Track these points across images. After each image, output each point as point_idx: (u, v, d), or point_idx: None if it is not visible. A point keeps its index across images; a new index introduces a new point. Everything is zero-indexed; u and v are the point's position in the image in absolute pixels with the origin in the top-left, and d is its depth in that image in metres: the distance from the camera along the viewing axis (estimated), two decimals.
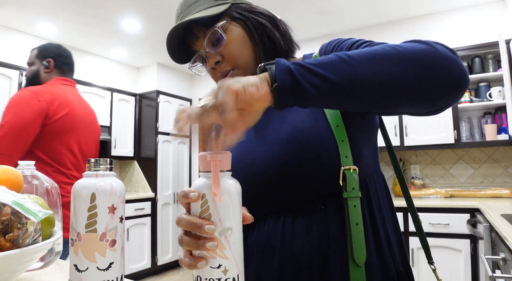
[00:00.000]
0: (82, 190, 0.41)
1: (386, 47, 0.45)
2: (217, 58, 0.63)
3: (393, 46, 0.45)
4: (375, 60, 0.43)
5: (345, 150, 0.55)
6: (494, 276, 1.20)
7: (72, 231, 0.41)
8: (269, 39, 0.65)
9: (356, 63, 0.43)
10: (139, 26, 3.31)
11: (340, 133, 0.56)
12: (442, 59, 0.44)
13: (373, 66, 0.43)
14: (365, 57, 0.43)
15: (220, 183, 0.41)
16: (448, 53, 0.45)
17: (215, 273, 0.40)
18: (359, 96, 0.44)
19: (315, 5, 2.98)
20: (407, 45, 0.45)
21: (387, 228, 0.61)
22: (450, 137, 2.72)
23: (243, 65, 0.64)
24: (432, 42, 0.46)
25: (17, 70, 3.06)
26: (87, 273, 0.40)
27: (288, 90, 0.42)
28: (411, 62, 0.43)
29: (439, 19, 3.10)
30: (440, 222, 2.37)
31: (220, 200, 0.40)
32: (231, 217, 0.41)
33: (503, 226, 1.39)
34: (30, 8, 2.93)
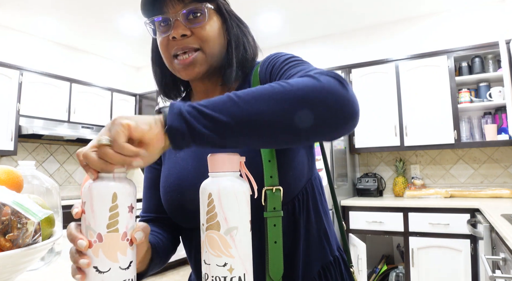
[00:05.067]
0: (103, 189, 0.40)
1: (274, 85, 0.45)
2: (186, 32, 0.60)
3: (282, 84, 0.45)
4: (260, 99, 0.44)
5: (270, 170, 0.56)
6: (494, 276, 1.20)
7: (90, 232, 0.40)
8: (243, 48, 0.66)
9: (242, 103, 0.44)
10: (139, 26, 3.31)
11: (267, 154, 0.56)
12: (326, 95, 0.44)
13: (258, 106, 0.43)
14: (252, 96, 0.44)
15: (227, 182, 0.42)
16: (336, 87, 0.45)
17: (221, 271, 0.41)
18: (249, 135, 0.44)
19: (315, 5, 2.98)
20: (295, 82, 0.46)
21: (325, 226, 0.65)
22: (450, 137, 2.72)
23: (210, 53, 0.62)
24: (322, 74, 0.47)
25: (17, 70, 3.06)
26: (109, 273, 0.40)
27: (179, 133, 0.42)
28: (294, 100, 0.44)
29: (439, 19, 3.11)
30: (440, 222, 2.37)
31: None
32: (237, 217, 0.42)
33: (503, 226, 1.39)
34: (30, 8, 2.93)
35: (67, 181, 3.74)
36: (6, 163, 3.19)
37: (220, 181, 0.43)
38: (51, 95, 3.31)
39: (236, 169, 0.44)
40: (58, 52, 3.66)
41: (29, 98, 3.13)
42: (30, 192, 0.65)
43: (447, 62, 2.77)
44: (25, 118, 3.09)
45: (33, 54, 3.43)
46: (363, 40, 3.43)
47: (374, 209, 2.63)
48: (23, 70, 3.10)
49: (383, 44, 3.33)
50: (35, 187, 0.68)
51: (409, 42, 3.21)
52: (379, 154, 3.23)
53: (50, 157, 3.60)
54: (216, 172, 0.43)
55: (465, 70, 2.81)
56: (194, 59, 0.61)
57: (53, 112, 3.31)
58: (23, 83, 3.09)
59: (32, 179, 0.68)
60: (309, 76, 0.46)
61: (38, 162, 3.49)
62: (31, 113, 3.14)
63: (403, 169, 3.06)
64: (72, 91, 3.49)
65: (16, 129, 3.01)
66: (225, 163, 0.43)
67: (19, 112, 3.05)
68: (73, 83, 3.51)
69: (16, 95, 3.03)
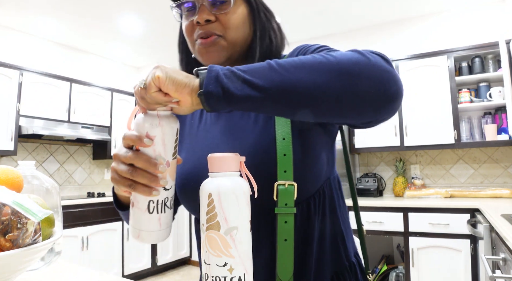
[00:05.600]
0: (171, 126, 0.48)
1: (318, 56, 0.44)
2: (210, 17, 0.59)
3: (326, 55, 0.44)
4: (302, 68, 0.43)
5: (285, 164, 0.54)
6: (494, 276, 1.20)
7: (160, 160, 0.47)
8: (269, 38, 0.65)
9: (283, 71, 0.43)
10: (139, 26, 3.31)
11: (283, 147, 0.55)
12: (373, 70, 0.43)
13: (299, 74, 0.43)
14: (293, 65, 0.44)
15: (227, 182, 0.43)
16: (382, 64, 0.44)
17: (221, 271, 0.41)
18: (285, 103, 0.44)
19: (315, 5, 2.98)
20: (339, 54, 0.45)
21: (341, 228, 0.63)
22: (450, 137, 2.72)
23: (232, 40, 0.61)
24: (368, 51, 0.45)
25: (17, 70, 3.06)
26: (171, 190, 0.50)
27: (214, 95, 0.43)
28: (338, 72, 0.42)
29: (439, 19, 3.11)
30: (440, 222, 2.37)
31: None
32: (237, 217, 0.42)
33: (503, 226, 1.39)
34: (30, 8, 2.94)
35: (67, 181, 3.74)
36: (6, 163, 3.19)
37: (220, 181, 0.43)
38: (51, 95, 3.31)
39: (236, 169, 0.44)
40: (58, 52, 3.66)
41: (29, 98, 3.13)
42: (30, 192, 0.65)
43: (447, 62, 2.77)
44: (25, 118, 3.09)
45: (33, 54, 3.43)
46: (363, 40, 3.43)
47: (374, 209, 2.63)
48: (23, 70, 3.10)
49: (383, 44, 3.33)
50: (35, 187, 0.68)
51: (409, 42, 3.21)
52: (379, 154, 3.23)
53: (50, 157, 3.60)
54: (216, 172, 0.44)
55: (465, 70, 2.81)
56: (216, 43, 0.60)
57: (53, 112, 3.31)
58: (23, 83, 3.09)
59: (32, 179, 0.68)
60: (354, 51, 0.45)
61: (38, 162, 3.49)
62: (31, 113, 3.14)
63: (403, 169, 3.06)
64: (72, 91, 3.49)
65: (16, 129, 3.01)
66: (225, 163, 0.44)
67: (19, 112, 3.05)
68: (73, 83, 3.51)
69: (16, 95, 3.03)
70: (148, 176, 0.46)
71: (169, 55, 4.08)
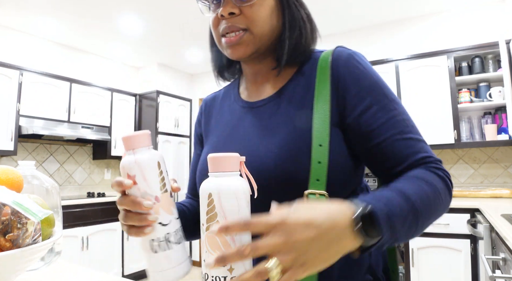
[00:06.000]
0: (149, 161, 0.48)
1: (438, 200, 0.52)
2: (235, 10, 0.57)
3: (440, 199, 0.52)
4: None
5: (318, 173, 0.52)
6: (494, 276, 1.20)
7: (148, 197, 0.48)
8: (299, 31, 0.62)
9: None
10: (139, 26, 3.31)
11: (319, 154, 0.53)
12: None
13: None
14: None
15: (227, 182, 0.43)
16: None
17: (221, 271, 0.41)
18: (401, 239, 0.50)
19: (315, 5, 2.98)
20: (444, 196, 0.53)
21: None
22: (450, 137, 2.72)
23: (258, 33, 0.58)
24: (447, 183, 0.55)
25: (17, 70, 3.06)
26: (170, 225, 0.49)
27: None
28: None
29: (439, 19, 3.10)
30: (440, 222, 2.36)
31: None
32: (237, 217, 0.42)
33: (503, 226, 1.39)
34: (30, 8, 2.94)
35: (67, 181, 3.74)
36: (6, 163, 3.19)
37: (220, 181, 0.43)
38: (51, 95, 3.31)
39: (236, 169, 0.44)
40: (58, 52, 3.66)
41: (29, 98, 3.13)
42: (30, 192, 0.65)
43: (447, 62, 2.77)
44: (25, 118, 3.09)
45: (33, 54, 3.43)
46: (363, 40, 3.43)
47: None
48: (23, 70, 3.10)
49: (383, 44, 3.33)
50: (35, 187, 0.67)
51: (409, 42, 3.21)
52: None
53: (50, 157, 3.60)
54: (216, 172, 0.44)
55: (465, 70, 2.81)
56: (241, 39, 0.58)
57: (53, 112, 3.31)
58: (23, 83, 3.09)
59: (32, 179, 0.68)
60: (447, 187, 0.55)
61: (38, 162, 3.49)
62: (31, 113, 3.14)
63: None
64: (72, 91, 3.49)
65: (16, 129, 3.01)
66: (225, 163, 0.44)
67: (19, 112, 3.05)
68: (73, 83, 3.51)
69: (16, 95, 3.03)
70: (137, 216, 0.45)
71: (169, 55, 4.08)
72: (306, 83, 0.60)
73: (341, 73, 0.57)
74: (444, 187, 0.53)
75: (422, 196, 0.48)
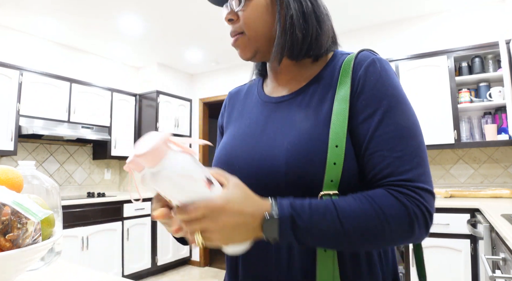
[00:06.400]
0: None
1: (376, 222, 0.49)
2: (232, 16, 0.62)
3: (381, 225, 0.49)
4: (359, 234, 0.49)
5: (333, 174, 0.52)
6: (494, 276, 1.20)
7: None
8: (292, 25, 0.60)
9: (344, 235, 0.49)
10: (139, 26, 3.31)
11: (335, 155, 0.53)
12: (408, 242, 0.52)
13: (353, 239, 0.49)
14: (354, 230, 0.49)
15: (162, 174, 0.42)
16: (420, 239, 0.53)
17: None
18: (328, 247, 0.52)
19: None
20: (394, 225, 0.49)
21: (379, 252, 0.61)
22: (450, 137, 2.72)
23: (252, 35, 0.61)
24: (423, 229, 0.51)
25: (17, 70, 3.06)
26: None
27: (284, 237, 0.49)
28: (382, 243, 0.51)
29: (439, 19, 3.10)
30: (440, 222, 2.37)
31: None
32: (186, 192, 0.44)
33: (503, 226, 1.39)
34: (30, 8, 2.94)
35: (67, 181, 3.74)
36: (6, 163, 3.19)
37: (157, 175, 0.42)
38: (51, 95, 3.31)
39: (162, 155, 0.41)
40: (58, 52, 3.66)
41: (29, 98, 3.13)
42: (30, 192, 0.65)
43: (447, 62, 2.77)
44: (25, 118, 3.09)
45: (33, 54, 3.43)
46: (363, 40, 3.43)
47: None
48: (23, 70, 3.10)
49: (383, 44, 3.33)
50: (35, 187, 0.68)
51: (409, 42, 3.21)
52: None
53: (50, 157, 3.60)
54: (149, 168, 0.42)
55: (465, 70, 2.81)
56: (237, 42, 0.63)
57: (53, 112, 3.31)
58: (23, 83, 3.09)
59: (32, 179, 0.68)
60: (410, 221, 0.49)
61: (38, 162, 3.49)
62: (31, 113, 3.14)
63: None
64: (72, 91, 3.49)
65: (16, 129, 3.01)
66: (151, 158, 0.41)
67: (19, 112, 3.05)
68: (73, 83, 3.51)
69: (16, 95, 3.03)
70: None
71: (169, 55, 4.08)
72: (327, 84, 0.60)
73: (360, 76, 0.57)
74: (399, 212, 0.49)
75: (356, 216, 0.49)
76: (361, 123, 0.55)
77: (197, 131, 4.62)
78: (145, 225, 3.83)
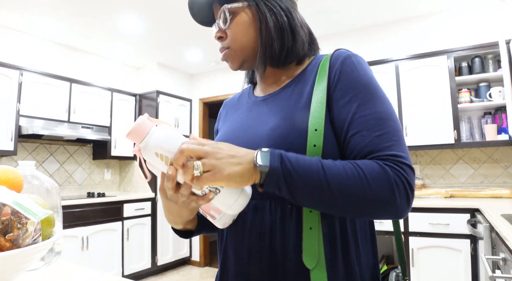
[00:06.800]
0: None
1: (361, 185, 0.51)
2: (221, 34, 0.69)
3: (365, 188, 0.51)
4: (344, 194, 0.52)
5: (313, 155, 0.56)
6: (494, 276, 1.20)
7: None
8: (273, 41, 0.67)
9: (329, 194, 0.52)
10: (139, 26, 3.31)
11: (314, 138, 0.57)
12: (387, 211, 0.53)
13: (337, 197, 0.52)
14: (339, 190, 0.51)
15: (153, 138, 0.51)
16: (403, 207, 0.53)
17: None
18: (313, 206, 0.54)
19: (315, 5, 2.98)
20: (375, 187, 0.51)
21: (358, 238, 0.61)
22: (450, 137, 2.72)
23: (238, 48, 0.68)
24: (400, 184, 0.53)
25: (17, 70, 3.06)
26: None
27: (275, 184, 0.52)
28: (365, 206, 0.52)
29: (439, 19, 3.10)
30: (440, 222, 2.37)
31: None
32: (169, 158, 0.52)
33: (503, 226, 1.39)
34: (30, 9, 2.94)
35: (67, 181, 3.74)
36: (6, 163, 3.20)
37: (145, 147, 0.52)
38: (51, 95, 3.31)
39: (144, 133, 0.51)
40: (58, 52, 3.66)
41: (29, 98, 3.13)
42: (30, 192, 0.65)
43: (447, 62, 2.77)
44: (25, 118, 3.09)
45: (33, 54, 3.43)
46: (363, 40, 3.43)
47: None
48: (23, 70, 3.10)
49: (383, 44, 3.33)
50: (35, 187, 0.68)
51: (409, 42, 3.21)
52: None
53: (50, 157, 3.60)
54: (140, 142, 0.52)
55: (465, 70, 2.81)
56: (226, 56, 0.70)
57: (53, 112, 3.31)
58: (23, 83, 3.10)
59: (32, 179, 0.68)
60: (391, 185, 0.51)
61: (38, 162, 3.49)
62: (31, 113, 3.14)
63: None
64: (72, 91, 3.49)
65: (16, 129, 3.01)
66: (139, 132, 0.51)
67: (19, 112, 3.05)
68: (73, 83, 3.51)
69: (16, 95, 3.03)
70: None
71: (169, 55, 4.08)
72: (307, 79, 0.67)
73: (336, 69, 0.62)
74: (380, 176, 0.52)
75: (340, 176, 0.51)
76: (340, 108, 0.59)
77: (197, 131, 4.62)
78: (145, 225, 3.83)
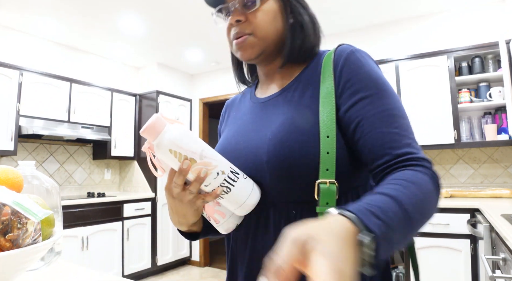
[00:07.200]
0: None
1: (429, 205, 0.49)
2: (240, 17, 0.63)
3: (431, 202, 0.49)
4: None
5: (327, 163, 0.54)
6: (494, 276, 1.20)
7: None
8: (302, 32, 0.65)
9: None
10: (139, 26, 3.31)
11: (327, 145, 0.55)
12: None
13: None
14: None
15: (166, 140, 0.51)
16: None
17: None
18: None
19: (315, 5, 2.98)
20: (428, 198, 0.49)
21: None
22: (450, 137, 2.72)
23: (262, 37, 0.63)
24: (435, 179, 0.51)
25: (17, 70, 3.06)
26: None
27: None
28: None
29: (439, 19, 3.10)
30: (440, 222, 2.37)
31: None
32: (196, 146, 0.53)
33: (503, 226, 1.39)
34: (30, 9, 2.94)
35: (67, 181, 3.74)
36: (6, 163, 3.19)
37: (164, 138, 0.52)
38: (51, 95, 3.31)
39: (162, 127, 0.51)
40: (58, 52, 3.66)
41: (29, 98, 3.13)
42: (30, 192, 0.65)
43: (447, 62, 2.77)
44: (25, 118, 3.09)
45: (33, 54, 3.43)
46: (363, 40, 3.43)
47: None
48: (23, 70, 3.10)
49: (383, 44, 3.33)
50: (35, 187, 0.68)
51: (409, 42, 3.21)
52: None
53: (50, 157, 3.60)
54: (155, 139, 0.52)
55: (465, 70, 2.81)
56: (246, 41, 0.63)
57: (53, 112, 3.31)
58: (23, 83, 3.09)
59: (32, 179, 0.68)
60: (437, 189, 0.51)
61: (38, 162, 3.49)
62: (31, 113, 3.14)
63: None
64: (72, 91, 3.49)
65: (16, 129, 3.01)
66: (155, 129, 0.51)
67: (19, 112, 3.05)
68: (73, 83, 3.51)
69: (16, 95, 3.03)
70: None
71: (169, 55, 4.08)
72: (310, 79, 0.64)
73: (341, 67, 0.60)
74: (433, 189, 0.50)
75: (415, 203, 0.46)
76: (350, 109, 0.57)
77: (197, 131, 4.62)
78: (145, 225, 3.83)
